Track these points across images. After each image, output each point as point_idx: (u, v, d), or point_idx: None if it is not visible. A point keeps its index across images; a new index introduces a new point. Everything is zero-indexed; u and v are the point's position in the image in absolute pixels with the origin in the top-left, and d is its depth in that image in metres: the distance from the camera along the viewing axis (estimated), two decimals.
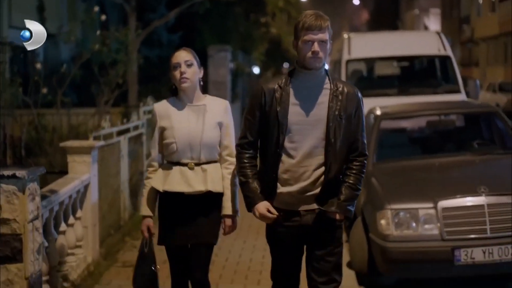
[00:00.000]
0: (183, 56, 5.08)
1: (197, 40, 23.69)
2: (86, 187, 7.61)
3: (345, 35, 15.63)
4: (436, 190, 7.35)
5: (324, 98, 4.80)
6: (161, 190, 5.08)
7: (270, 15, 36.57)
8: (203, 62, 22.56)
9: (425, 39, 15.32)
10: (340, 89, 4.82)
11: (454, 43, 53.83)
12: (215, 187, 5.08)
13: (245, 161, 4.87)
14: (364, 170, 4.88)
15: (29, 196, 5.20)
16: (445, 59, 14.44)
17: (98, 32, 13.60)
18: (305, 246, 4.93)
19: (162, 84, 19.76)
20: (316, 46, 4.69)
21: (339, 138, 4.75)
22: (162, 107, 5.15)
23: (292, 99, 4.78)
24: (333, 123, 4.74)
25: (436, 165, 8.32)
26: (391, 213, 7.12)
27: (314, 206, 4.79)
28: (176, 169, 5.06)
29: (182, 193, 5.04)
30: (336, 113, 4.76)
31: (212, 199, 5.10)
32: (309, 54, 4.71)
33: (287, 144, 4.74)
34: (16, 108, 12.31)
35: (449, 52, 14.31)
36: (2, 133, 10.61)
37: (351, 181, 4.80)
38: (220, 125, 5.15)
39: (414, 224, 7.10)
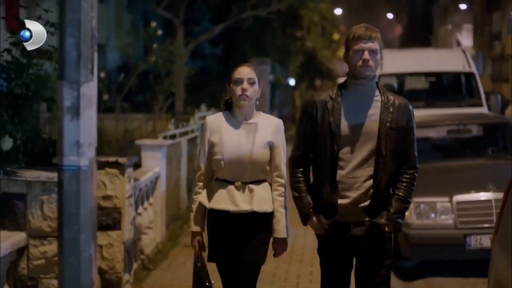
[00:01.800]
0: (246, 72, 4.99)
1: (238, 53, 25.14)
2: (156, 178, 9.07)
3: None
4: (451, 187, 8.75)
5: (375, 110, 4.79)
6: (207, 207, 5.01)
7: (306, 29, 37.78)
8: None
9: (451, 56, 16.62)
10: (391, 101, 4.80)
11: (485, 59, 54.77)
12: (262, 208, 4.96)
13: (299, 175, 4.89)
14: (415, 183, 4.86)
15: (127, 178, 6.66)
16: (469, 75, 15.65)
17: (155, 46, 15.02)
18: (354, 260, 4.93)
19: (204, 94, 21.19)
20: (366, 55, 4.69)
21: (390, 150, 4.73)
22: (215, 120, 5.05)
23: (344, 110, 4.77)
24: (384, 135, 4.72)
25: (453, 167, 9.69)
26: (413, 205, 8.48)
27: (364, 218, 4.78)
28: (223, 186, 4.96)
29: (228, 211, 4.95)
30: (388, 125, 4.73)
31: (259, 219, 4.98)
32: (360, 62, 4.70)
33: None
34: None
35: (473, 68, 15.58)
36: None
37: (401, 194, 4.77)
38: (270, 144, 5.01)
39: (432, 215, 8.51)
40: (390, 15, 78.19)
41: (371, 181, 4.73)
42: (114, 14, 29.74)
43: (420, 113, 12.68)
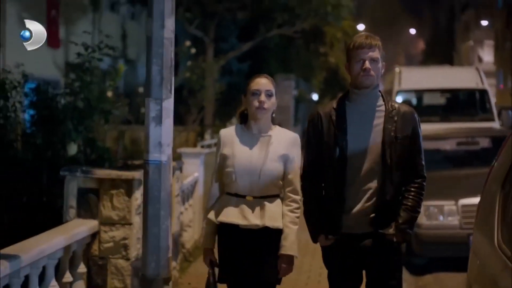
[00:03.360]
0: (264, 84, 4.84)
1: (264, 69, 26.26)
2: (195, 182, 10.20)
3: (397, 69, 18.00)
4: (457, 192, 9.81)
5: (379, 119, 4.69)
6: (216, 221, 4.83)
7: (329, 45, 38.75)
8: None
9: (465, 74, 17.65)
10: (396, 109, 4.71)
11: (505, 74, 55.26)
12: (274, 223, 4.76)
13: (310, 192, 4.81)
14: (423, 193, 4.76)
15: (176, 179, 7.78)
16: (482, 92, 16.69)
17: (189, 63, 16.16)
18: (364, 273, 4.83)
19: (232, 108, 22.34)
20: (367, 64, 4.61)
21: (395, 160, 4.62)
22: (228, 133, 4.90)
23: (348, 121, 4.69)
24: (389, 145, 4.62)
25: (460, 175, 10.76)
26: (423, 208, 9.53)
27: (372, 229, 4.66)
28: (233, 200, 4.78)
29: (238, 225, 4.76)
30: (392, 134, 4.64)
31: (272, 235, 4.78)
32: (361, 72, 4.63)
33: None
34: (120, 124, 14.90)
35: (485, 85, 16.60)
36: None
37: (409, 204, 4.66)
38: (285, 158, 4.82)
39: (441, 217, 9.58)
40: (412, 31, 78.41)
41: (378, 192, 4.63)
42: (145, 30, 30.75)
43: (434, 127, 13.84)
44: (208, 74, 17.60)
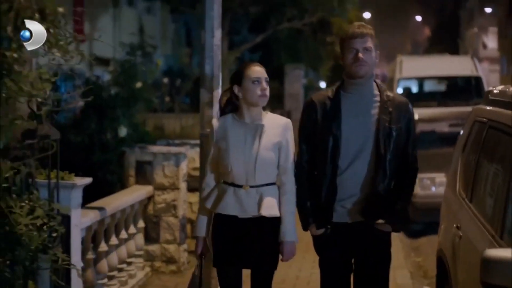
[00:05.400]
0: (263, 72, 4.84)
1: (275, 59, 27.72)
2: None
3: (398, 58, 19.45)
4: (447, 166, 11.36)
5: (374, 110, 4.67)
6: (215, 211, 4.84)
7: (335, 34, 39.92)
8: (281, 78, 26.44)
9: (461, 62, 19.03)
10: (391, 100, 4.68)
11: (509, 61, 56.22)
12: (270, 212, 4.76)
13: (303, 180, 4.79)
14: (414, 184, 4.84)
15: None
16: (477, 79, 18.05)
17: None
18: (353, 262, 4.83)
19: None
20: (359, 53, 4.58)
21: (389, 150, 4.61)
22: (221, 125, 4.90)
23: (343, 111, 4.66)
24: (383, 135, 4.60)
25: (450, 152, 12.28)
26: (418, 180, 11.09)
27: (363, 219, 4.66)
28: (230, 190, 4.77)
29: (236, 216, 4.76)
30: (386, 124, 4.61)
31: (268, 223, 4.78)
32: (353, 61, 4.60)
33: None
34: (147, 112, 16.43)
35: (480, 73, 17.98)
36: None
37: (401, 196, 4.69)
38: (279, 145, 4.81)
39: (433, 187, 11.16)
40: (418, 18, 78.82)
41: (370, 182, 4.62)
42: (160, 23, 32.15)
43: (434, 111, 15.37)
44: (224, 65, 19.07)
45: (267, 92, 4.79)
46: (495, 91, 5.68)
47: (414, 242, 11.11)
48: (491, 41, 65.61)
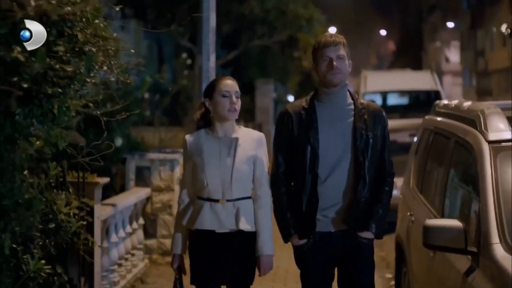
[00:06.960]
0: (233, 85, 4.78)
1: (244, 75, 28.51)
2: None
3: (363, 74, 20.57)
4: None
5: (349, 118, 4.66)
6: (192, 228, 4.79)
7: (302, 50, 40.79)
8: (251, 92, 27.40)
9: (421, 77, 20.17)
10: (365, 108, 4.68)
11: (470, 74, 57.34)
12: (247, 226, 4.73)
13: (281, 191, 4.75)
14: (392, 190, 4.80)
15: None
16: (436, 93, 19.11)
17: (185, 72, 18.64)
18: (336, 270, 4.84)
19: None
20: (333, 62, 4.57)
21: (367, 158, 4.61)
22: (194, 140, 4.84)
23: (319, 120, 4.65)
24: (361, 143, 4.60)
25: None
26: None
27: (345, 227, 4.65)
28: (207, 205, 4.73)
29: (213, 231, 4.74)
30: (363, 132, 4.61)
31: (245, 238, 4.76)
32: (327, 70, 4.58)
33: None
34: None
35: (438, 87, 19.12)
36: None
37: (381, 202, 4.68)
38: (254, 158, 4.78)
39: (395, 191, 12.31)
40: (383, 32, 79.20)
41: (352, 190, 4.62)
42: (134, 40, 32.98)
43: (394, 123, 16.52)
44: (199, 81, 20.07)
45: (237, 107, 4.76)
46: (440, 104, 6.92)
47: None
48: (454, 55, 66.21)
